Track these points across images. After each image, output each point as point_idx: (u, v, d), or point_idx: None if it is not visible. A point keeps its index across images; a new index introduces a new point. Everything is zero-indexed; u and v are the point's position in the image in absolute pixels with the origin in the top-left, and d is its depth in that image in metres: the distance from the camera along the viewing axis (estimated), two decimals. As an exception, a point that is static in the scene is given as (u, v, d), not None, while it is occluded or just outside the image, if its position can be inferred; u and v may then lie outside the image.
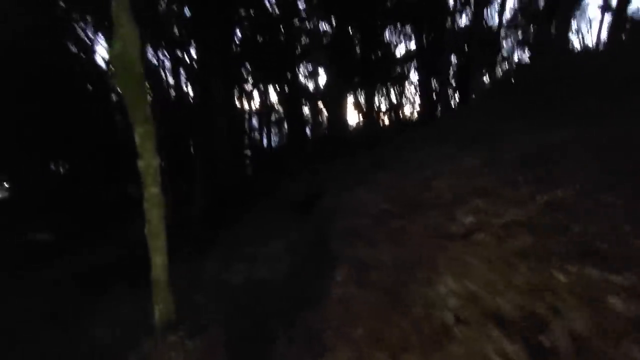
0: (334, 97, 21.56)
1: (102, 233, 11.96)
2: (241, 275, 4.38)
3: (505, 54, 22.20)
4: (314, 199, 6.16)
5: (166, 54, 21.48)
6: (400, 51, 23.79)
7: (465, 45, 21.35)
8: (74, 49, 21.82)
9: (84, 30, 22.06)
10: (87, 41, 22.53)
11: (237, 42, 25.16)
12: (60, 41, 20.01)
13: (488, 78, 24.91)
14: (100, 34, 22.20)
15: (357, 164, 8.23)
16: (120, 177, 23.42)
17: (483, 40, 21.46)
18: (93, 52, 23.80)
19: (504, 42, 21.77)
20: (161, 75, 22.25)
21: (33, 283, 7.86)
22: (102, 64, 23.90)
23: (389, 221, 3.76)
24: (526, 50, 22.74)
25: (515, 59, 23.06)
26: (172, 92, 20.76)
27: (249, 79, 26.93)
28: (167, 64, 22.03)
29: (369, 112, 20.41)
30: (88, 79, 22.24)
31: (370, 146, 10.93)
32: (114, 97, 23.37)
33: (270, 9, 22.07)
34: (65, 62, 20.20)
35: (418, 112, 24.47)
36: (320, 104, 29.86)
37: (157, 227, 3.03)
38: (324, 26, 25.07)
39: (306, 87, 27.67)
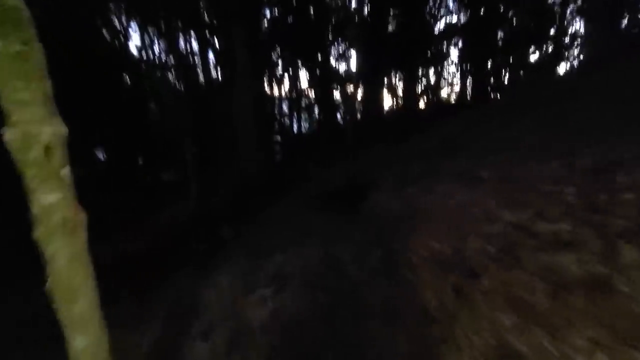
0: (368, 78, 19.79)
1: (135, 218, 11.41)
2: (265, 307, 3.13)
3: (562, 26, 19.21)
4: (360, 191, 4.81)
5: (194, 36, 20.65)
6: (440, 27, 21.39)
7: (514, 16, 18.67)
8: (108, 38, 21.55)
9: (118, 19, 21.69)
10: (121, 29, 22.18)
11: (267, 23, 23.89)
12: (95, 29, 19.74)
13: (539, 55, 21.96)
14: (133, 23, 21.76)
15: (408, 148, 6.72)
16: (154, 164, 23.32)
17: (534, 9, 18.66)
18: (127, 39, 23.44)
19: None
20: (190, 60, 21.54)
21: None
22: (136, 52, 23.57)
23: (539, 250, 2.02)
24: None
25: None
26: (201, 77, 19.91)
27: (279, 62, 25.67)
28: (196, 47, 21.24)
29: (407, 94, 18.46)
30: (122, 67, 22.00)
31: (412, 130, 9.32)
32: (147, 85, 23.07)
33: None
34: (101, 50, 19.88)
35: (461, 94, 22.14)
36: (352, 87, 28.11)
37: (70, 278, 1.26)
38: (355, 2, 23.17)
39: (338, 70, 25.98)
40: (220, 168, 8.29)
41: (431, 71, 21.06)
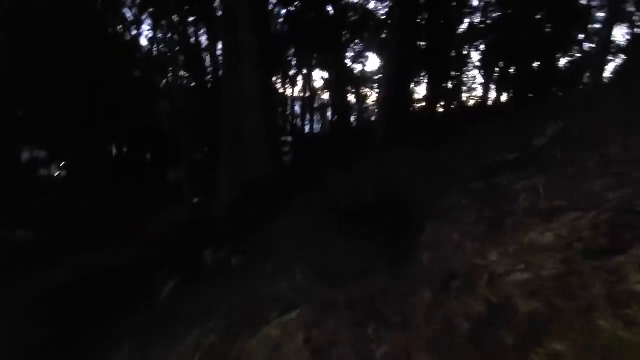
0: (388, 80, 18.37)
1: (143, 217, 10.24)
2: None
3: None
4: (401, 212, 3.39)
5: (206, 33, 19.55)
6: (463, 29, 19.85)
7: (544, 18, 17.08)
8: (121, 35, 20.69)
9: (131, 12, 20.80)
10: (133, 25, 21.29)
11: (281, 21, 22.71)
12: (106, 25, 18.88)
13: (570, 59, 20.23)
14: (146, 17, 20.83)
15: (440, 157, 5.27)
16: (162, 163, 22.26)
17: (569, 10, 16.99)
18: (139, 35, 22.50)
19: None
20: (202, 58, 20.48)
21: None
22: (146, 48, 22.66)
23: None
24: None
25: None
26: (210, 76, 18.81)
27: (293, 62, 24.46)
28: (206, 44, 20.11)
29: (431, 98, 16.92)
30: (134, 66, 21.10)
31: (441, 136, 7.84)
32: (159, 83, 22.15)
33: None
34: (112, 46, 18.97)
35: (483, 98, 20.56)
36: (367, 89, 26.71)
37: None
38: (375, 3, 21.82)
39: (353, 71, 24.63)
40: (223, 169, 6.94)
41: (456, 74, 19.48)
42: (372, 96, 25.92)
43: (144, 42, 22.36)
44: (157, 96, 21.94)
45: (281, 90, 25.42)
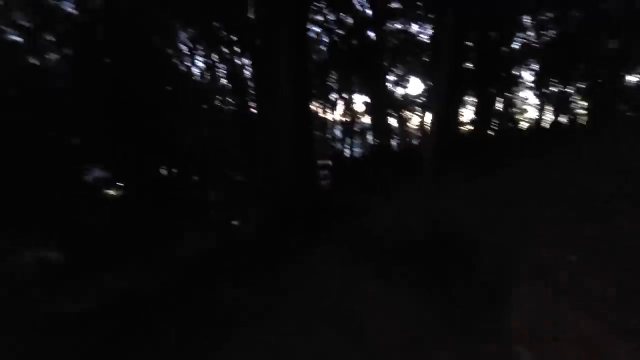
0: (436, 103, 17.45)
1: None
2: None
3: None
4: (455, 249, 2.62)
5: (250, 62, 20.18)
6: (515, 47, 18.58)
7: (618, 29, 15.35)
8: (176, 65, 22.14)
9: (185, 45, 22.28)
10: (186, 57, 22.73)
11: (324, 47, 23.01)
12: (163, 56, 20.29)
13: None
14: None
15: (496, 184, 4.36)
16: (205, 184, 22.93)
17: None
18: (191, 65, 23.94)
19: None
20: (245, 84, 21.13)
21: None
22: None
23: None
24: None
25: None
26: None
27: (334, 86, 24.49)
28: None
29: (480, 120, 15.70)
30: (187, 93, 22.32)
31: (493, 160, 6.84)
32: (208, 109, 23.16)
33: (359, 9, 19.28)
34: (169, 76, 20.26)
35: (538, 120, 18.84)
36: (409, 113, 25.84)
37: None
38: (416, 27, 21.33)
39: (394, 94, 24.03)
40: (255, 192, 6.53)
41: (507, 95, 18.12)
42: (414, 119, 25.05)
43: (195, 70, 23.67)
44: (204, 121, 22.90)
45: (322, 114, 25.46)
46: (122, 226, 10.88)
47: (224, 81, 19.50)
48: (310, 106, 12.75)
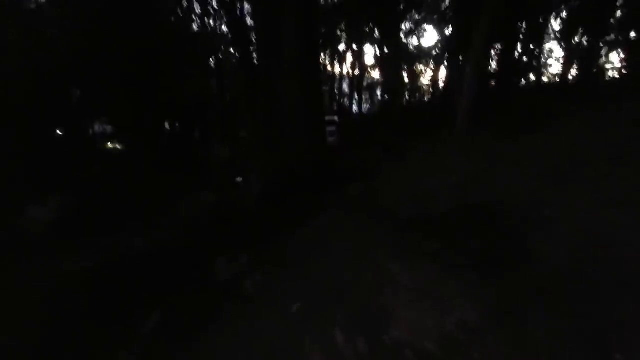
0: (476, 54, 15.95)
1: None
2: None
3: None
4: (493, 224, 2.09)
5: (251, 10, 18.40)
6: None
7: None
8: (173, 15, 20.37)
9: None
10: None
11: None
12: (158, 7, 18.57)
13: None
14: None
15: (528, 148, 3.71)
16: (210, 140, 22.36)
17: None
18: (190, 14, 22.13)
19: None
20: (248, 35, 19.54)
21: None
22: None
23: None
24: None
25: None
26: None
27: (343, 37, 22.62)
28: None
29: (503, 75, 14.38)
30: (185, 44, 20.84)
31: (522, 120, 6.05)
32: (210, 61, 21.77)
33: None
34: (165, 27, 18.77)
35: (563, 75, 17.38)
36: (422, 66, 24.08)
37: None
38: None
39: (407, 46, 22.17)
40: (258, 151, 5.96)
41: (531, 47, 16.52)
42: (428, 74, 23.46)
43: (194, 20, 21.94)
44: (207, 74, 21.72)
45: (329, 68, 23.91)
46: (122, 184, 10.52)
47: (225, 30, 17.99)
48: (318, 59, 11.65)
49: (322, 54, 24.45)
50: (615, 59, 19.07)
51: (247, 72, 16.03)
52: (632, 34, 15.48)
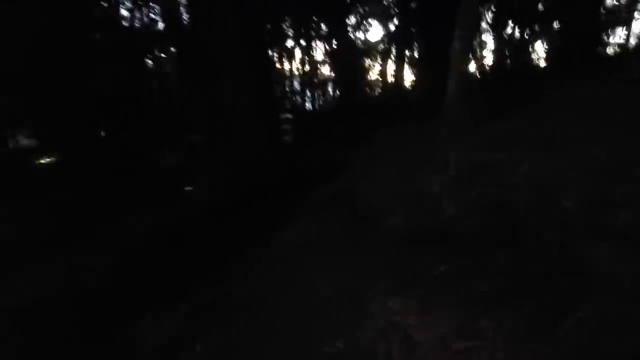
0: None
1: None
2: None
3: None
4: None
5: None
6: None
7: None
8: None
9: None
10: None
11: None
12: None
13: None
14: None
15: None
16: (154, 146, 20.13)
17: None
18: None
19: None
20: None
21: None
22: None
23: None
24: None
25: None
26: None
27: (289, 33, 21.73)
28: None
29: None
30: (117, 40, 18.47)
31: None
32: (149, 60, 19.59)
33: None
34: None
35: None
36: (369, 62, 24.06)
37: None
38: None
39: (355, 41, 21.92)
40: (207, 154, 4.95)
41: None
42: (376, 68, 23.44)
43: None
44: (147, 73, 19.57)
45: (278, 65, 22.87)
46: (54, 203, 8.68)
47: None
48: (266, 52, 10.67)
49: (270, 52, 23.36)
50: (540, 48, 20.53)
51: (188, 69, 14.48)
52: (555, 25, 16.62)
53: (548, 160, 2.28)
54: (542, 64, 17.47)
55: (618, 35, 15.92)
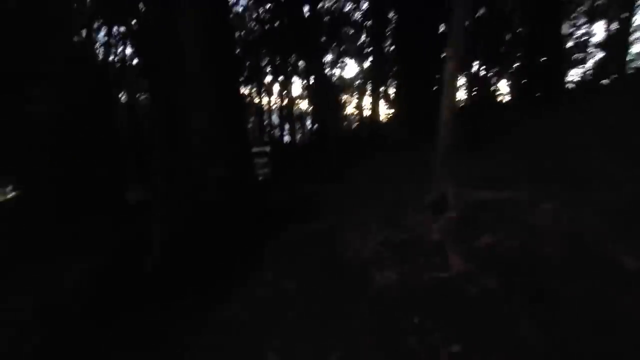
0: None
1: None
2: None
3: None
4: None
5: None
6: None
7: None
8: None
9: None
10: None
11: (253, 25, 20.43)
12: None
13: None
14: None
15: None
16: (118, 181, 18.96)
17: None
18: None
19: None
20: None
21: None
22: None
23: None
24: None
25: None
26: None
27: (267, 70, 22.04)
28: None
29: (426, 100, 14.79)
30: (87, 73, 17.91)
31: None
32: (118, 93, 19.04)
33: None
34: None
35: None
36: (348, 96, 24.66)
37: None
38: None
39: (332, 77, 22.48)
40: (161, 195, 4.27)
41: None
42: (353, 103, 24.00)
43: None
44: (116, 107, 18.88)
45: (257, 100, 22.95)
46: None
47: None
48: (236, 84, 10.38)
49: (249, 86, 23.51)
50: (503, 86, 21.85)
51: (157, 101, 13.92)
52: (515, 65, 17.76)
53: (569, 199, 1.87)
54: (507, 98, 18.48)
55: (576, 71, 17.16)
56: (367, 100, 22.94)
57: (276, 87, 22.35)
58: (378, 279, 1.92)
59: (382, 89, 21.82)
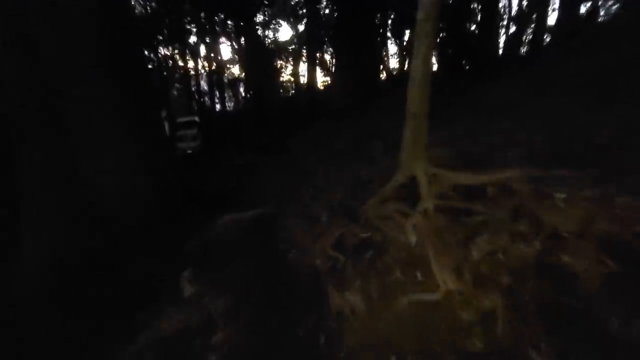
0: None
1: None
2: None
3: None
4: None
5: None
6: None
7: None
8: None
9: None
10: None
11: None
12: None
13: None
14: None
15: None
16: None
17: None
18: None
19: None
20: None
21: None
22: None
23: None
24: None
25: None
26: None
27: (192, 28, 19.12)
28: None
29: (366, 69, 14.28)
30: None
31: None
32: None
33: None
34: None
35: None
36: (280, 62, 23.04)
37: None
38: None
39: (265, 40, 20.58)
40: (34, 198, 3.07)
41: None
42: (288, 69, 22.53)
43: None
44: None
45: (181, 63, 20.03)
46: None
47: None
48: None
49: (170, 48, 20.31)
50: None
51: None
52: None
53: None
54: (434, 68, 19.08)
55: (500, 42, 18.12)
56: (303, 67, 21.69)
57: (203, 50, 19.71)
58: (337, 302, 1.36)
59: (318, 54, 20.74)
